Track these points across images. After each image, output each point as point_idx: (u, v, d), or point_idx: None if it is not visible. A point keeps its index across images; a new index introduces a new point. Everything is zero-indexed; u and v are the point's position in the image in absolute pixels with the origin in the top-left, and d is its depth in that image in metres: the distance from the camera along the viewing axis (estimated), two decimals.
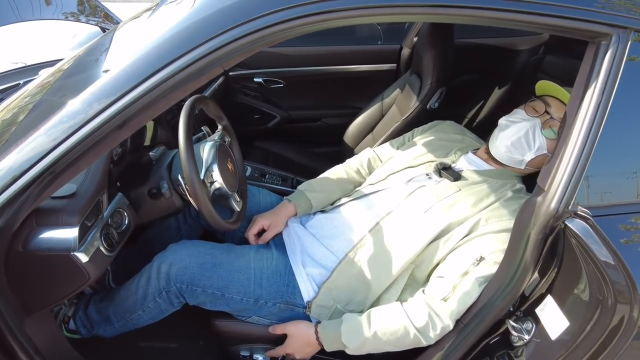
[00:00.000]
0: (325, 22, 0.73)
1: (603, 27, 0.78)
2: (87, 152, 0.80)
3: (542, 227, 0.84)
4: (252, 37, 0.74)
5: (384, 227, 1.16)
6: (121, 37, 1.19)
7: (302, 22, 0.72)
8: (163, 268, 1.13)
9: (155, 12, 1.17)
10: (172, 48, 0.76)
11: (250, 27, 0.73)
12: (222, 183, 1.16)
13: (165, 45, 0.76)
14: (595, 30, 0.78)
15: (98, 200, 0.99)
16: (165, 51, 0.76)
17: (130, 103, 0.76)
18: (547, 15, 0.80)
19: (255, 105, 2.29)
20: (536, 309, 0.94)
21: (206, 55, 0.75)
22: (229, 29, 0.74)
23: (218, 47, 0.75)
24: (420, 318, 1.02)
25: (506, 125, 1.17)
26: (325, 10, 0.71)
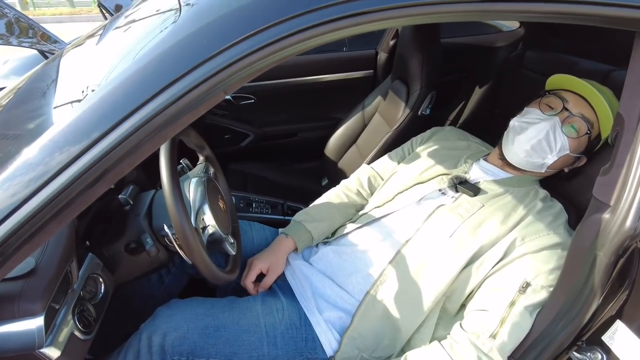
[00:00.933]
0: (359, 27, 0.57)
1: None
2: (49, 221, 0.59)
3: (615, 249, 0.73)
4: (268, 50, 0.57)
5: (406, 257, 1.01)
6: (73, 64, 0.97)
7: (333, 26, 0.56)
8: (155, 339, 0.91)
9: (115, 31, 0.96)
10: (160, 73, 0.57)
11: (267, 36, 0.56)
12: (215, 226, 0.97)
13: (149, 71, 0.57)
14: None
15: (66, 272, 0.77)
16: (151, 78, 0.57)
17: (109, 150, 0.56)
18: (590, 4, 0.68)
19: (225, 124, 2.09)
20: (603, 337, 0.83)
21: (207, 79, 0.57)
22: (238, 41, 0.56)
23: (223, 67, 0.57)
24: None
25: (522, 128, 1.04)
26: (359, 12, 0.56)
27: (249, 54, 0.57)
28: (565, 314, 0.83)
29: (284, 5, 0.56)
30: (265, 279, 1.12)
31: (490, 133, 1.29)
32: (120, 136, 0.57)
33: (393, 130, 1.66)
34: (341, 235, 1.16)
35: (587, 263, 0.78)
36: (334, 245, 1.15)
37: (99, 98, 0.57)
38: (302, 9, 0.55)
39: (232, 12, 0.58)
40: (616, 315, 0.80)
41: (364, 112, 1.95)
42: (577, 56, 1.42)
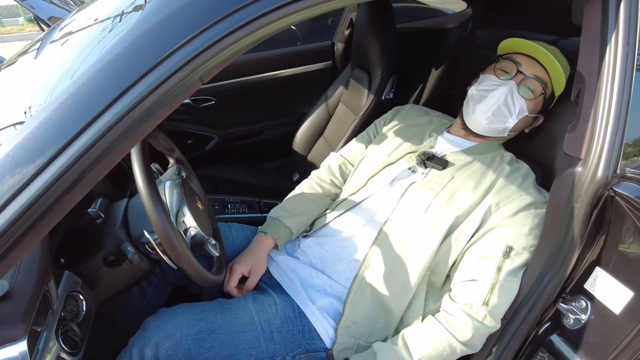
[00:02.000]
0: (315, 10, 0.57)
1: None
2: (25, 234, 0.54)
3: (590, 199, 0.77)
4: (243, 32, 0.55)
5: (386, 239, 1.02)
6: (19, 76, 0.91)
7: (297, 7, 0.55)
8: (148, 352, 0.87)
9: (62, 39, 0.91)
10: (131, 65, 0.54)
11: (241, 17, 0.54)
12: (197, 228, 0.94)
13: (120, 64, 0.54)
14: None
15: (44, 292, 0.72)
16: (122, 71, 0.54)
17: (84, 151, 0.52)
18: None
19: (186, 129, 2.03)
20: (585, 285, 0.87)
21: (182, 67, 0.54)
22: (216, 22, 0.54)
23: (197, 53, 0.55)
24: (464, 331, 0.91)
25: (481, 96, 1.06)
26: None
27: (223, 37, 0.55)
28: (550, 268, 0.87)
29: None
30: (248, 281, 1.10)
31: (450, 112, 1.33)
32: (95, 135, 0.53)
33: (359, 117, 1.67)
34: (320, 227, 1.15)
35: (565, 216, 0.82)
36: (315, 237, 1.15)
37: (68, 97, 0.54)
38: None
39: None
40: (595, 262, 0.85)
41: (327, 104, 1.95)
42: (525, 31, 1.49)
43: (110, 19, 0.83)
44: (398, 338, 0.96)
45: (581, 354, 0.87)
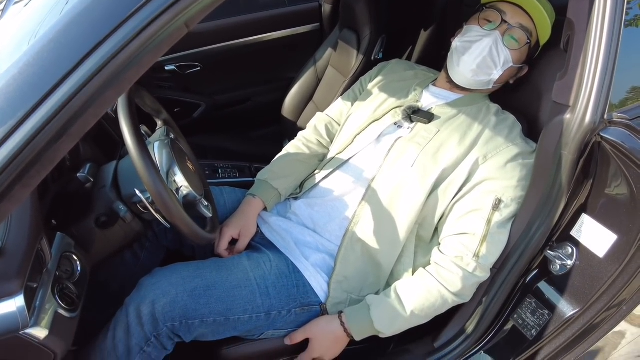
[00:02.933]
0: None
1: None
2: (13, 184, 0.54)
3: (578, 145, 0.78)
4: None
5: (373, 195, 1.03)
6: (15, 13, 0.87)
7: None
8: (144, 309, 0.88)
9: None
10: (114, 8, 0.52)
11: None
12: (189, 187, 0.94)
13: (101, 7, 0.52)
14: None
15: (38, 250, 0.71)
16: (103, 14, 0.52)
17: (69, 97, 0.51)
18: None
19: (173, 97, 1.98)
20: (571, 232, 0.90)
21: (167, 9, 0.53)
22: None
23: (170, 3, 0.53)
24: (455, 282, 0.94)
25: (465, 48, 1.03)
26: None
27: None
28: (539, 217, 0.89)
29: None
30: (238, 243, 1.10)
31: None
32: (79, 82, 0.52)
33: (348, 79, 1.65)
34: (310, 188, 1.15)
35: (554, 164, 0.83)
36: (305, 199, 1.15)
37: (47, 42, 0.52)
38: None
39: None
40: (581, 209, 0.87)
41: (316, 67, 1.92)
42: None
43: None
44: (390, 290, 0.98)
45: (566, 297, 0.91)
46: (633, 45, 0.79)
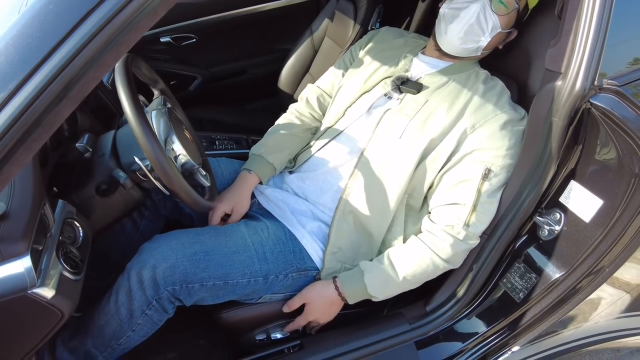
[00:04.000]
0: None
1: None
2: (16, 147, 0.55)
3: (568, 112, 0.79)
4: None
5: (364, 167, 1.04)
6: None
7: None
8: (145, 274, 0.91)
9: None
10: None
11: None
12: (186, 156, 0.95)
13: None
14: None
15: (41, 215, 0.73)
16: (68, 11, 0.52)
17: (67, 61, 0.52)
18: None
19: (169, 69, 1.97)
20: (560, 198, 0.92)
21: None
22: None
23: None
24: (446, 249, 0.96)
25: (452, 15, 1.01)
26: None
27: None
28: (529, 183, 0.91)
29: None
30: (230, 219, 1.12)
31: None
32: (77, 44, 0.53)
33: (346, 50, 1.64)
34: (303, 162, 1.16)
35: (545, 130, 0.85)
36: (298, 173, 1.16)
37: (44, 5, 0.52)
38: None
39: None
40: (570, 176, 0.89)
41: (312, 38, 1.90)
42: None
43: None
44: (383, 257, 1.01)
45: (553, 261, 0.94)
46: (629, 15, 0.80)
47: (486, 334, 1.03)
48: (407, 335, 1.04)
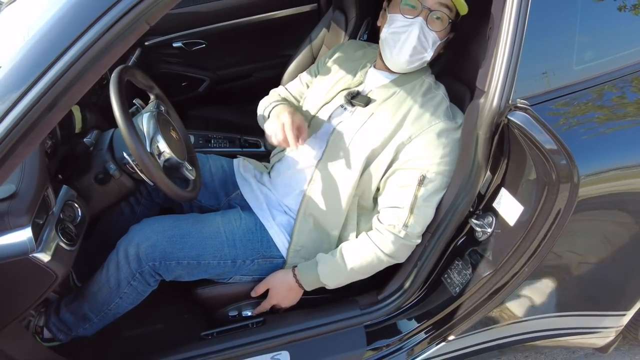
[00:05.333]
0: None
1: None
2: (18, 143, 0.73)
3: (489, 125, 0.90)
4: None
5: (319, 174, 1.17)
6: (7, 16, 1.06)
7: None
8: (131, 250, 1.09)
9: None
10: (88, 9, 0.69)
11: None
12: (170, 152, 1.12)
13: (79, 8, 0.69)
14: None
15: (43, 196, 0.92)
16: (82, 14, 0.69)
17: (56, 79, 0.69)
18: None
19: (180, 72, 2.16)
20: (493, 204, 1.03)
21: (130, 9, 0.69)
22: None
23: None
24: (389, 245, 1.08)
25: (394, 40, 1.08)
26: None
27: None
28: (464, 188, 1.02)
29: None
30: (303, 136, 1.12)
31: None
32: (66, 65, 0.69)
33: None
34: (274, 164, 1.30)
35: (473, 142, 0.96)
36: (271, 173, 1.31)
37: (40, 36, 0.69)
38: None
39: None
40: (501, 183, 1.00)
41: (311, 46, 2.04)
42: None
43: None
44: (336, 251, 1.14)
45: (484, 260, 1.05)
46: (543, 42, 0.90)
47: (427, 322, 1.14)
48: (357, 320, 1.17)
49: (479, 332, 1.12)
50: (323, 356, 1.14)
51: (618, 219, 1.01)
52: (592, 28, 0.90)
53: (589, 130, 0.92)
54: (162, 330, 1.34)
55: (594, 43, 0.91)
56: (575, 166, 0.85)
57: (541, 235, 0.92)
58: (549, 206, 0.89)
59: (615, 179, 0.95)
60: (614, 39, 0.93)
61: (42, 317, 1.20)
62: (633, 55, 0.92)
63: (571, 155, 0.83)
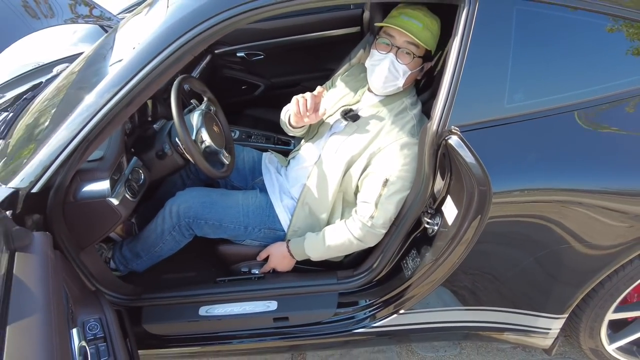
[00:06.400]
0: (256, 16, 1.06)
1: None
2: (107, 125, 1.15)
3: (431, 144, 1.18)
4: (211, 31, 1.08)
5: (316, 171, 1.49)
6: (120, 37, 1.52)
7: (241, 17, 1.06)
8: (174, 208, 1.51)
9: (145, 15, 1.49)
10: (159, 42, 1.10)
11: (207, 25, 1.07)
12: (210, 142, 1.52)
13: (155, 40, 1.11)
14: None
15: (119, 162, 1.36)
16: (156, 45, 1.10)
17: (134, 86, 1.11)
18: None
19: (240, 77, 2.61)
20: (442, 207, 1.29)
21: (181, 46, 1.09)
22: (195, 26, 1.07)
23: (189, 39, 1.08)
24: (357, 231, 1.38)
25: (372, 69, 1.39)
26: (252, 8, 1.04)
27: (201, 32, 1.07)
28: (418, 192, 1.30)
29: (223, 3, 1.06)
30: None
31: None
32: (141, 78, 1.11)
33: None
34: (291, 157, 1.66)
35: (422, 156, 1.23)
36: (287, 166, 1.67)
37: (130, 57, 1.11)
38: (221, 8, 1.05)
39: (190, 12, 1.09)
40: (447, 192, 1.26)
41: (350, 64, 2.35)
42: None
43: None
44: (321, 231, 1.47)
45: (430, 250, 1.31)
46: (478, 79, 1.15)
47: (386, 296, 1.42)
48: (333, 287, 1.48)
49: (423, 312, 1.38)
50: (302, 309, 1.46)
51: (534, 230, 1.20)
52: (523, 74, 1.13)
53: (509, 155, 1.16)
54: (189, 273, 1.75)
55: (524, 87, 1.14)
56: (487, 175, 1.07)
57: (468, 234, 1.17)
58: (474, 209, 1.14)
59: (527, 195, 1.16)
60: (542, 84, 1.15)
61: (110, 252, 1.67)
62: (560, 100, 1.14)
63: (484, 168, 1.06)
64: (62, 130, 1.16)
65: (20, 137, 1.40)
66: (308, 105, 1.40)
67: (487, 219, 1.13)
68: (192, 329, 1.48)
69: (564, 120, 1.13)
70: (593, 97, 1.14)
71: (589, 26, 1.11)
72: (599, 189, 1.14)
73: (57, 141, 1.17)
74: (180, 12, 1.11)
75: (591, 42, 1.13)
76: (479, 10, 1.09)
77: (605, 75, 1.14)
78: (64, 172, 1.18)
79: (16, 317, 0.75)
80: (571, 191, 1.14)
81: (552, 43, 1.12)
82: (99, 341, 1.00)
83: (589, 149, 1.15)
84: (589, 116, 1.15)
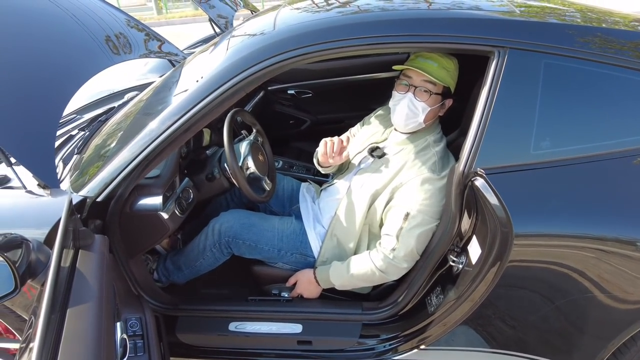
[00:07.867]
0: (303, 61, 1.20)
1: (486, 47, 1.18)
2: (166, 148, 1.32)
3: (457, 185, 1.23)
4: (263, 72, 1.23)
5: (344, 204, 1.58)
6: (186, 71, 1.73)
7: (289, 62, 1.20)
8: (216, 227, 1.64)
9: (210, 53, 1.70)
10: (218, 79, 1.26)
11: (259, 67, 1.22)
12: (254, 169, 1.66)
13: (214, 77, 1.27)
14: (481, 49, 1.18)
15: (173, 181, 1.52)
16: (215, 80, 1.27)
17: (193, 115, 1.27)
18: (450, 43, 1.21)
19: (289, 112, 2.80)
20: (468, 246, 1.32)
21: (237, 83, 1.24)
22: (250, 67, 1.23)
23: (244, 78, 1.24)
24: (380, 263, 1.44)
25: (394, 109, 1.50)
26: (301, 54, 1.18)
27: (253, 73, 1.23)
28: (445, 229, 1.34)
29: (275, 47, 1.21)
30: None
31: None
32: (198, 110, 1.27)
33: None
34: (324, 188, 1.77)
35: (450, 195, 1.29)
36: (322, 197, 1.76)
37: (190, 91, 1.29)
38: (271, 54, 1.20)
39: (247, 55, 1.25)
40: (472, 232, 1.30)
41: None
42: None
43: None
44: (347, 261, 1.53)
45: (454, 288, 1.33)
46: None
47: (408, 330, 1.45)
48: (357, 316, 1.52)
49: (446, 349, 1.38)
50: (325, 335, 1.51)
51: (554, 276, 1.20)
52: (549, 123, 1.18)
53: (531, 199, 1.18)
54: (224, 290, 1.86)
55: (551, 135, 1.18)
56: (510, 218, 1.10)
57: (490, 274, 1.19)
58: (493, 249, 1.17)
59: (548, 240, 1.17)
60: (569, 134, 1.18)
61: (155, 263, 1.82)
62: (586, 150, 1.17)
63: (507, 210, 1.10)
64: (127, 151, 1.34)
65: (92, 154, 1.61)
66: (335, 148, 1.54)
67: (508, 261, 1.15)
68: (220, 343, 1.57)
69: (590, 169, 1.16)
70: (622, 149, 1.16)
71: (616, 80, 1.14)
72: (627, 238, 1.14)
73: (122, 158, 1.34)
74: (238, 54, 1.28)
75: (617, 94, 1.16)
76: (507, 62, 1.17)
77: (631, 129, 1.16)
78: (124, 185, 1.35)
79: (75, 302, 0.89)
80: (595, 239, 1.15)
81: (578, 94, 1.17)
82: (137, 338, 1.11)
83: (614, 198, 1.16)
84: (616, 166, 1.16)
